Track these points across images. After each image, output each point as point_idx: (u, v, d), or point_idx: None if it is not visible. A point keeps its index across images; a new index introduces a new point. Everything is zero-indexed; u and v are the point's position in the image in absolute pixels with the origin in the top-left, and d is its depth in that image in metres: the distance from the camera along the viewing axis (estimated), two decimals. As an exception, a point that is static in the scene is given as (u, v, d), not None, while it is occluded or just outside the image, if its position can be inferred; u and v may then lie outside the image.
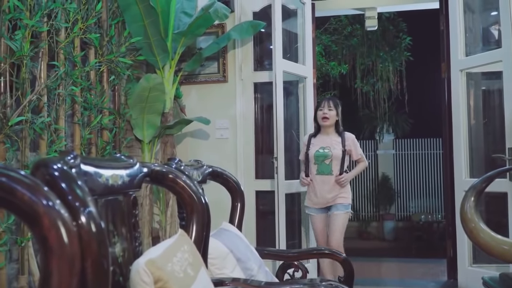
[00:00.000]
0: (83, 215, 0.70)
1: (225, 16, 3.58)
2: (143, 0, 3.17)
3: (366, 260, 5.92)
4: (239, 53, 4.01)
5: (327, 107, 3.48)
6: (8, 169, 0.61)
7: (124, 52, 3.24)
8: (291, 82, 4.14)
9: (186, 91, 3.99)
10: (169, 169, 1.36)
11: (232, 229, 1.91)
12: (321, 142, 3.52)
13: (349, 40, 9.15)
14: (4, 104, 2.23)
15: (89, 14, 2.87)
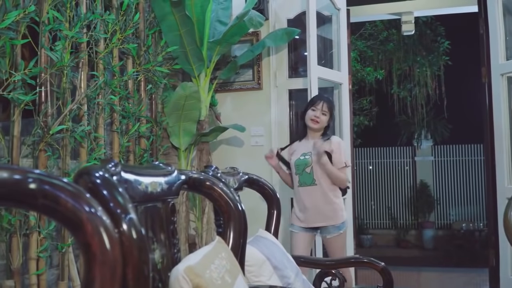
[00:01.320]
0: (124, 222, 0.71)
1: (260, 24, 3.60)
2: (179, 10, 3.22)
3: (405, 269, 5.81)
4: (274, 60, 4.02)
5: (321, 110, 3.04)
6: (51, 177, 0.63)
7: (160, 61, 3.30)
8: (326, 89, 4.11)
9: (221, 99, 4.02)
10: (206, 176, 1.37)
11: (268, 237, 1.91)
12: (304, 147, 3.10)
13: (385, 45, 9.04)
14: (45, 113, 2.29)
15: (127, 25, 2.93)
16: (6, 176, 0.55)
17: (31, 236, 2.19)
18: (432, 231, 9.58)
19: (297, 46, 4.18)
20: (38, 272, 2.21)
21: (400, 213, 10.45)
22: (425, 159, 10.52)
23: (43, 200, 0.59)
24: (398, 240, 9.64)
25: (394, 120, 10.22)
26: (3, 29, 1.97)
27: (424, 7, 4.91)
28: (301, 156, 3.05)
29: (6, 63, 2.03)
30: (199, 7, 3.42)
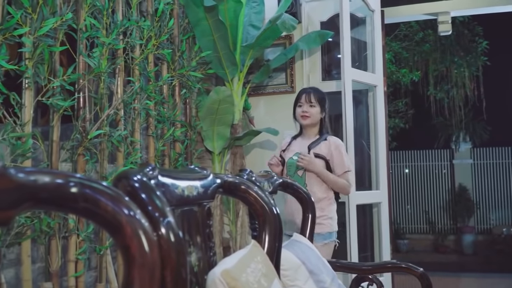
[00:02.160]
0: (162, 225, 0.72)
1: (293, 27, 3.59)
2: (213, 15, 3.25)
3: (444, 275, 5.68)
4: (307, 63, 4.00)
5: (307, 102, 2.80)
6: (92, 181, 0.64)
7: (194, 66, 3.33)
8: (360, 91, 4.07)
9: (254, 103, 4.03)
10: (241, 180, 1.37)
11: (303, 241, 1.89)
12: (298, 146, 2.87)
13: (421, 46, 8.88)
14: (83, 119, 2.34)
15: (162, 31, 2.98)
16: (48, 181, 0.56)
17: (70, 238, 2.24)
18: (471, 236, 9.33)
19: (331, 49, 4.15)
20: (77, 274, 2.26)
21: (438, 218, 10.22)
22: (464, 162, 10.27)
23: (84, 203, 0.60)
24: (436, 245, 9.44)
25: (431, 122, 10.02)
26: (41, 36, 2.02)
27: (461, 7, 4.79)
28: (294, 156, 2.79)
29: (45, 69, 2.09)
30: (232, 11, 3.44)
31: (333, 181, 2.72)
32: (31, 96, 2.03)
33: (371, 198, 3.77)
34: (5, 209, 0.51)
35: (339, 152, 2.75)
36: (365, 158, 4.07)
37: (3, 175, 0.50)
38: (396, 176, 10.47)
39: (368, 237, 3.99)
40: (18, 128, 1.95)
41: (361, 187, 3.76)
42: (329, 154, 2.74)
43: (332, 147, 2.75)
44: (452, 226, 10.02)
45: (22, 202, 0.53)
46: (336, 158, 2.73)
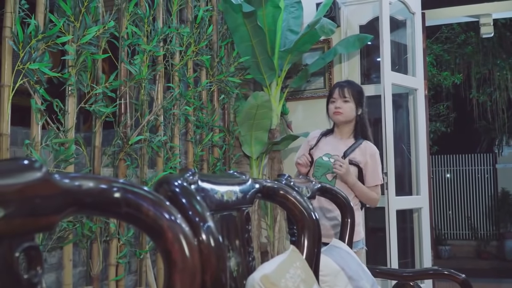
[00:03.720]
0: (202, 230, 0.72)
1: (331, 32, 3.56)
2: (251, 21, 3.27)
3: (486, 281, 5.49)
4: (346, 67, 3.96)
5: (341, 97, 2.48)
6: (134, 186, 0.64)
7: (233, 71, 3.35)
8: (400, 95, 4.00)
9: (292, 107, 4.02)
10: (280, 185, 1.36)
11: (342, 246, 1.87)
12: (330, 146, 2.53)
13: (463, 49, 8.65)
14: (125, 124, 2.39)
15: (201, 37, 3.01)
16: (92, 186, 0.57)
17: (111, 242, 2.28)
18: (515, 241, 8.99)
19: (370, 52, 4.10)
20: (117, 278, 2.29)
21: (480, 223, 9.91)
22: (507, 166, 9.92)
23: (127, 208, 0.61)
24: (478, 251, 9.14)
25: (473, 126, 9.73)
26: (84, 44, 2.08)
27: (503, 9, 4.64)
28: (325, 157, 2.49)
29: (87, 77, 2.14)
30: (270, 17, 3.44)
31: (364, 193, 2.45)
32: (74, 103, 2.08)
33: (412, 203, 3.69)
34: (50, 215, 0.52)
35: (374, 161, 2.48)
36: (405, 162, 3.99)
37: (48, 181, 0.51)
38: (437, 181, 10.22)
39: (408, 243, 3.90)
40: (61, 134, 2.00)
41: (401, 192, 3.69)
42: (363, 162, 2.46)
43: (368, 154, 2.47)
44: (495, 232, 9.69)
45: (66, 207, 0.54)
46: (370, 168, 2.46)
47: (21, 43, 1.83)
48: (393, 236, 3.38)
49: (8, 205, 0.46)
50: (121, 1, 2.39)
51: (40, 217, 0.50)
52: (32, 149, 1.86)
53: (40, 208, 0.50)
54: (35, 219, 0.50)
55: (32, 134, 1.90)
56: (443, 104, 9.07)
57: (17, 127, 2.43)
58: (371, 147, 2.50)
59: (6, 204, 0.46)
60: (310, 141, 2.64)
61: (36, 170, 0.50)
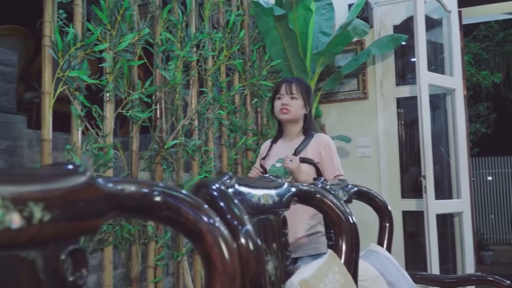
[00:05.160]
0: (241, 233, 0.72)
1: (364, 32, 3.53)
2: (283, 24, 3.27)
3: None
4: (380, 68, 3.91)
5: (288, 93, 2.29)
6: (174, 190, 0.65)
7: (265, 75, 3.36)
8: (437, 95, 3.92)
9: (325, 110, 3.99)
10: (316, 188, 1.35)
11: (381, 251, 1.84)
12: (281, 150, 2.33)
13: (502, 47, 8.42)
14: (160, 129, 2.42)
15: (233, 42, 3.03)
16: (134, 190, 0.58)
17: (149, 245, 2.31)
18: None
19: (405, 52, 4.03)
20: (156, 280, 2.32)
21: (521, 227, 9.60)
22: (550, 170, 9.59)
23: (167, 212, 0.61)
24: (520, 256, 8.85)
25: (514, 127, 9.46)
26: (120, 51, 2.12)
27: (544, 4, 4.50)
28: (277, 163, 2.29)
29: (124, 83, 2.18)
30: (302, 19, 3.44)
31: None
32: (112, 109, 2.12)
33: (452, 207, 3.60)
34: (93, 218, 0.54)
35: (329, 152, 2.24)
36: (444, 165, 3.91)
37: (92, 185, 0.52)
38: (478, 184, 9.94)
39: (449, 248, 3.81)
40: (100, 139, 2.05)
41: (441, 195, 3.60)
42: (317, 156, 2.23)
43: (320, 145, 2.25)
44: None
45: (109, 211, 0.55)
46: (325, 160, 2.23)
47: (61, 52, 1.89)
48: (433, 241, 3.30)
49: (54, 209, 0.48)
50: (155, 8, 2.43)
51: (84, 220, 0.52)
52: (73, 154, 1.90)
53: (84, 211, 0.51)
54: (80, 222, 0.51)
55: (73, 140, 1.95)
56: (483, 104, 8.84)
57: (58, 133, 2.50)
58: (323, 138, 2.30)
59: (52, 208, 0.47)
60: (262, 154, 2.45)
61: (81, 175, 0.51)
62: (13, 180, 0.47)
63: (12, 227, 0.44)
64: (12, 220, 0.44)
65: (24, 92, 4.77)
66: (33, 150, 3.51)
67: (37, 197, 0.46)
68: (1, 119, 3.37)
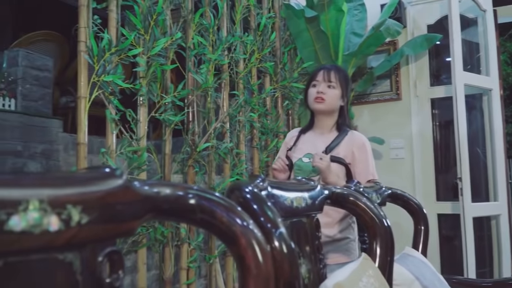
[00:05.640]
0: (275, 236, 0.72)
1: (397, 33, 3.48)
2: (314, 26, 3.25)
3: None
4: (413, 68, 3.85)
5: (326, 80, 2.07)
6: (208, 193, 0.65)
7: (296, 77, 3.35)
8: (473, 96, 3.83)
9: (358, 112, 3.95)
10: (349, 191, 1.34)
11: (416, 255, 1.80)
12: (309, 144, 2.11)
13: (540, 45, 8.17)
14: (193, 132, 2.44)
15: (264, 44, 3.03)
16: (169, 193, 0.58)
17: (182, 247, 2.33)
18: None
19: (439, 52, 3.96)
20: (188, 282, 2.34)
21: None
22: None
23: (201, 214, 0.62)
24: None
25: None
26: (153, 55, 2.15)
27: None
28: (305, 158, 2.07)
29: (157, 87, 2.21)
30: (333, 21, 3.41)
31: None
32: (145, 112, 2.15)
33: (489, 210, 3.51)
34: (130, 221, 0.54)
35: (364, 153, 2.03)
36: (480, 167, 3.81)
37: (129, 188, 0.53)
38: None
39: (486, 251, 3.71)
40: (134, 142, 2.08)
41: (477, 198, 3.52)
42: (349, 156, 2.02)
43: (354, 145, 2.03)
44: None
45: (145, 213, 0.56)
46: (359, 162, 2.02)
47: (96, 57, 1.92)
48: (469, 244, 3.22)
49: (91, 212, 0.48)
50: (187, 12, 2.45)
51: (121, 222, 0.52)
52: (107, 157, 1.94)
53: (121, 214, 0.52)
54: (117, 224, 0.52)
55: (108, 143, 1.99)
56: (521, 105, 8.59)
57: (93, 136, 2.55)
58: (358, 137, 2.08)
59: (89, 210, 0.48)
60: (288, 142, 2.23)
61: (117, 178, 0.52)
62: (51, 183, 0.48)
63: (50, 230, 0.45)
64: (50, 223, 0.45)
65: (59, 96, 4.89)
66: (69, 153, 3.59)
67: (75, 200, 0.47)
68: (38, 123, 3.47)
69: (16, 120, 3.32)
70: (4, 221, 0.41)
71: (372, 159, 2.07)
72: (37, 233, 0.44)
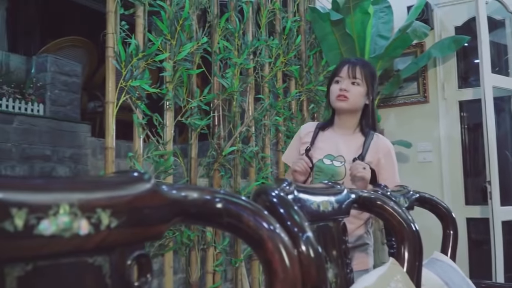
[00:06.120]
0: (302, 240, 0.71)
1: (424, 35, 3.44)
2: (339, 29, 3.24)
3: None
4: (441, 71, 3.80)
5: (350, 77, 1.87)
6: (234, 197, 0.65)
7: (322, 80, 3.34)
8: (502, 98, 3.75)
9: (384, 115, 3.91)
10: (376, 195, 1.32)
11: (444, 259, 1.77)
12: (330, 144, 1.92)
13: None
14: (218, 136, 2.45)
15: (289, 48, 3.03)
16: (197, 197, 0.59)
17: (208, 250, 2.34)
18: None
19: (467, 54, 3.89)
20: (214, 286, 2.35)
21: None
22: None
23: (228, 218, 0.62)
24: None
25: None
26: (180, 60, 2.17)
27: None
28: (327, 159, 1.89)
29: (183, 91, 2.23)
30: (359, 23, 3.39)
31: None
32: (172, 117, 2.17)
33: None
34: (158, 224, 0.55)
35: (390, 160, 1.90)
36: (509, 170, 3.72)
37: (157, 192, 0.54)
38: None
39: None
40: (160, 146, 2.10)
41: (506, 202, 3.44)
42: (375, 161, 1.87)
43: (380, 150, 1.88)
44: None
45: (173, 217, 0.56)
46: (384, 169, 1.88)
47: (123, 62, 1.95)
48: (498, 248, 3.16)
49: (120, 216, 0.49)
50: (213, 17, 2.47)
51: (149, 226, 0.53)
52: (135, 161, 1.96)
53: (149, 218, 0.52)
54: (145, 228, 0.52)
55: (135, 147, 2.01)
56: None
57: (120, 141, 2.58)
58: (384, 142, 1.92)
59: (118, 214, 0.49)
60: (304, 138, 1.99)
61: (146, 182, 0.52)
62: (81, 187, 0.48)
63: (80, 234, 0.46)
64: (80, 227, 0.46)
65: (87, 101, 4.98)
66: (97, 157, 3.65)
67: (104, 204, 0.48)
68: (66, 128, 3.53)
69: (45, 125, 3.39)
70: (34, 225, 0.42)
71: (397, 165, 1.94)
72: (67, 237, 0.44)
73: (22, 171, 3.14)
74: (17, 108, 3.61)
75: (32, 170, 3.20)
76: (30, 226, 0.42)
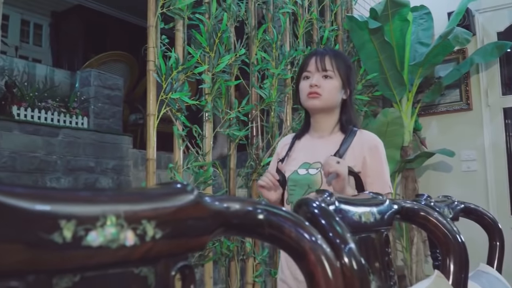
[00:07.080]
0: (344, 252, 0.70)
1: (466, 41, 3.36)
2: (378, 37, 3.20)
3: None
4: (484, 77, 3.70)
5: (320, 70, 1.60)
6: (275, 208, 0.65)
7: (360, 89, 3.30)
8: (549, 104, 3.62)
9: (425, 123, 3.83)
10: (420, 205, 1.29)
11: (491, 271, 1.71)
12: (306, 152, 1.65)
13: None
14: (257, 146, 2.46)
15: (327, 57, 3.01)
16: (239, 208, 0.59)
17: (247, 261, 2.34)
18: None
19: (510, 60, 3.78)
20: (255, 296, 2.34)
21: None
22: None
23: (270, 229, 0.62)
24: None
25: None
26: (218, 72, 2.19)
27: None
28: (302, 169, 1.60)
29: (222, 103, 2.25)
30: (398, 31, 3.35)
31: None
32: (211, 128, 2.20)
33: None
34: (201, 235, 0.55)
35: (376, 157, 1.59)
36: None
37: (200, 203, 0.54)
38: None
39: None
40: (200, 157, 2.12)
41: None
42: (359, 162, 1.56)
43: (365, 147, 1.59)
44: None
45: (215, 228, 0.57)
46: (371, 169, 1.57)
47: (164, 75, 1.99)
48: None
49: (165, 227, 0.50)
50: (250, 29, 2.49)
51: (193, 237, 0.53)
52: (175, 172, 1.99)
53: (193, 229, 0.53)
54: (189, 239, 0.53)
55: (175, 158, 2.04)
56: None
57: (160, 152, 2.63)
58: (370, 136, 1.64)
59: (163, 225, 0.50)
60: (280, 153, 1.73)
61: (189, 193, 0.53)
62: (127, 199, 0.49)
63: (126, 245, 0.46)
64: (126, 238, 0.46)
65: (129, 114, 5.09)
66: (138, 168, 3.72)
67: (149, 215, 0.49)
68: (109, 140, 3.62)
69: (89, 137, 3.49)
70: (83, 236, 0.43)
71: (387, 165, 1.63)
72: (113, 248, 0.45)
73: (67, 183, 3.23)
74: (62, 122, 3.73)
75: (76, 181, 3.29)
76: (79, 237, 0.43)
